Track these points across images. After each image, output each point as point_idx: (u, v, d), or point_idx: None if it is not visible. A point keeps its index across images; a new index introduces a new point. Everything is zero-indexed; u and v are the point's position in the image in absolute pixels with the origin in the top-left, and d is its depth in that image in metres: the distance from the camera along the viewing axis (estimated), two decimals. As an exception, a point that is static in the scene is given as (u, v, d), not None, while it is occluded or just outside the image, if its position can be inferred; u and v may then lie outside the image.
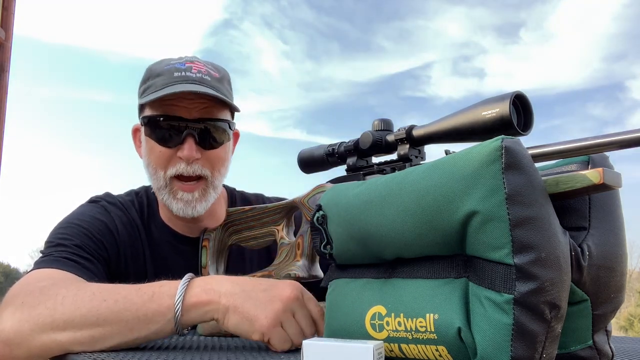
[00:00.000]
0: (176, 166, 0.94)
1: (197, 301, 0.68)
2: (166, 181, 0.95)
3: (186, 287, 0.68)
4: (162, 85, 0.94)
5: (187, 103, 0.94)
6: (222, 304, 0.67)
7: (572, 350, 0.49)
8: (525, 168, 0.44)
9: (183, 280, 0.70)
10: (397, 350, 0.51)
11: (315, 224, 0.61)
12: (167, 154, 0.95)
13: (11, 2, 3.87)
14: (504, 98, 0.54)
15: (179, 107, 0.94)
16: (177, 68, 0.96)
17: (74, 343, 0.68)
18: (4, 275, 21.80)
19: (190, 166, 0.94)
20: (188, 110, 0.94)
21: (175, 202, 0.95)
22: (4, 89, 3.78)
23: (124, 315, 0.67)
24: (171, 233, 1.03)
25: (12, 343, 0.69)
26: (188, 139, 0.93)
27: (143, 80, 1.00)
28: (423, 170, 0.51)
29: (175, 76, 0.95)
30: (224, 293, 0.68)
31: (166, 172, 0.95)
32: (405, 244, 0.51)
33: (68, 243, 0.87)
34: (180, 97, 0.93)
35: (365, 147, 0.70)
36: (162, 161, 0.95)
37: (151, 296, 0.68)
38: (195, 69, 0.97)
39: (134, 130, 1.05)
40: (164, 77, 0.95)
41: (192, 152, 0.93)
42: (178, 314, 0.67)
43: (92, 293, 0.70)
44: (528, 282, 0.43)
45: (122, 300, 0.68)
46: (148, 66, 1.01)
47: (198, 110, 0.95)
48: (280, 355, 0.65)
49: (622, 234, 0.52)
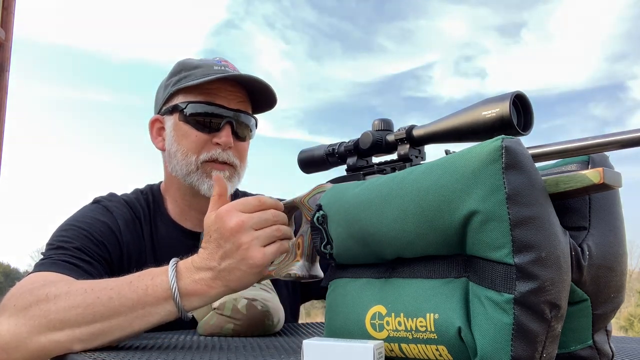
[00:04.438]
0: (211, 152, 0.98)
1: (192, 291, 0.69)
2: (198, 165, 0.98)
3: (176, 277, 0.69)
4: (202, 75, 0.98)
5: (227, 93, 1.00)
6: (212, 294, 0.69)
7: (572, 350, 0.49)
8: (526, 168, 0.44)
9: (170, 270, 0.70)
10: (397, 350, 0.51)
11: (315, 224, 0.61)
12: (202, 139, 0.99)
13: (11, 2, 3.87)
14: (504, 98, 0.54)
15: (219, 96, 0.99)
16: (215, 63, 1.02)
17: (74, 341, 0.68)
18: (4, 275, 21.79)
19: (225, 152, 0.99)
20: (228, 100, 1.00)
21: (207, 180, 0.98)
22: (4, 89, 3.78)
23: (120, 311, 0.68)
24: (179, 228, 1.03)
25: (9, 348, 0.69)
26: (226, 126, 0.99)
27: (174, 72, 1.03)
28: (423, 170, 0.51)
29: (215, 69, 1.00)
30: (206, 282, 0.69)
31: (199, 156, 0.98)
32: (405, 244, 0.51)
33: (68, 246, 0.87)
34: (221, 88, 0.99)
35: (365, 147, 0.70)
36: (196, 146, 0.99)
37: (145, 290, 0.69)
38: (231, 67, 1.04)
39: (152, 122, 1.06)
40: (203, 69, 1.00)
41: (229, 139, 0.98)
42: (179, 301, 0.68)
43: (84, 291, 0.70)
44: (528, 281, 0.43)
45: (117, 296, 0.69)
46: (178, 61, 1.05)
47: (236, 102, 1.01)
48: (280, 355, 0.65)
49: (622, 234, 0.52)
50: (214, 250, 0.69)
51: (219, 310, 0.83)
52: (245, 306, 0.82)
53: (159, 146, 1.05)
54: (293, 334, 0.88)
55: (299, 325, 1.01)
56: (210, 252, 0.69)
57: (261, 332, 0.84)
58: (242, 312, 0.82)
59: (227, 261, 0.68)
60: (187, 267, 0.71)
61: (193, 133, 0.98)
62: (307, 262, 0.73)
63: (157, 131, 1.05)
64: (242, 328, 0.83)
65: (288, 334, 0.89)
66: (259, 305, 0.83)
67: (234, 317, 0.82)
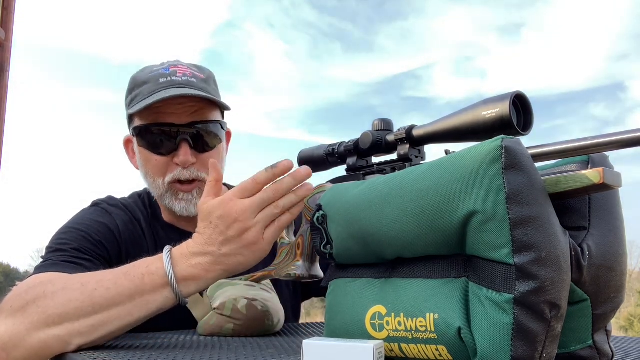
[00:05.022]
0: (174, 172, 0.96)
1: (189, 275, 0.69)
2: (166, 188, 0.97)
3: (171, 264, 0.69)
4: (149, 93, 0.94)
5: (175, 108, 0.94)
6: (209, 278, 0.70)
7: (572, 350, 0.49)
8: (525, 168, 0.44)
9: (165, 257, 0.70)
10: (397, 350, 0.51)
11: (315, 224, 0.61)
12: (163, 161, 0.96)
13: (11, 2, 3.87)
14: (504, 98, 0.54)
15: (169, 113, 0.94)
16: (161, 74, 0.96)
17: (74, 335, 0.68)
18: (4, 275, 21.78)
19: (187, 170, 0.96)
20: (178, 116, 0.94)
21: (177, 202, 0.97)
22: (4, 89, 3.78)
23: (119, 300, 0.68)
24: (177, 231, 1.03)
25: (9, 347, 0.69)
26: (182, 144, 0.94)
27: (129, 90, 1.00)
28: (423, 170, 0.51)
29: (161, 82, 0.95)
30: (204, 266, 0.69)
31: (164, 179, 0.96)
32: (405, 244, 0.51)
33: (66, 247, 0.88)
34: (169, 103, 0.93)
35: (365, 147, 0.70)
36: (159, 169, 0.96)
37: (142, 278, 0.69)
38: (180, 73, 0.97)
39: (125, 142, 1.05)
40: (150, 85, 0.95)
41: (187, 157, 0.94)
42: (176, 288, 0.69)
43: (80, 284, 0.70)
44: (528, 281, 0.43)
45: (114, 287, 0.69)
46: (132, 76, 1.01)
47: (188, 115, 0.95)
48: (280, 355, 0.65)
49: (622, 234, 0.52)
50: (213, 235, 0.69)
51: (219, 310, 0.83)
52: (245, 306, 0.82)
53: (135, 166, 1.03)
54: (293, 334, 0.88)
55: (299, 325, 1.01)
56: (208, 237, 0.70)
57: (261, 332, 0.84)
58: (242, 312, 0.82)
59: (228, 246, 0.69)
60: (183, 253, 0.71)
61: (153, 157, 0.96)
62: (307, 262, 0.73)
63: (131, 151, 1.04)
64: (242, 328, 0.83)
65: (288, 334, 0.89)
66: (259, 306, 0.83)
67: (234, 317, 0.82)
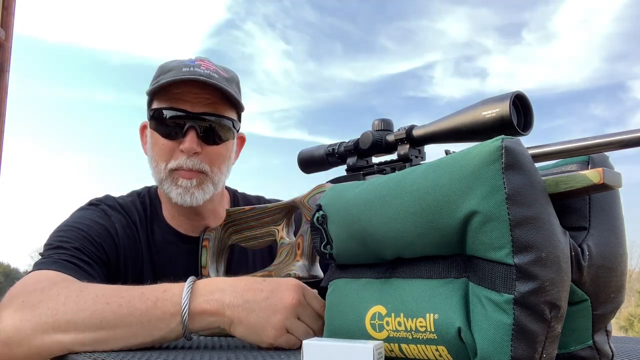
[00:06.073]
0: (178, 160, 0.95)
1: (202, 310, 0.68)
2: (166, 173, 0.96)
3: (190, 294, 0.68)
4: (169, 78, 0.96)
5: (192, 97, 0.95)
6: (227, 315, 0.68)
7: (572, 350, 0.49)
8: (526, 168, 0.44)
9: (186, 286, 0.69)
10: (397, 350, 0.51)
11: (315, 224, 0.61)
12: (169, 146, 0.96)
13: (11, 2, 3.87)
14: (504, 98, 0.54)
15: (184, 100, 0.96)
16: (186, 64, 0.98)
17: (77, 344, 0.68)
18: (4, 275, 21.79)
19: (190, 159, 0.95)
20: (192, 104, 0.96)
21: (175, 188, 0.96)
22: (4, 89, 3.78)
23: (127, 320, 0.67)
24: (174, 233, 1.03)
25: (12, 342, 0.69)
26: (190, 132, 0.95)
27: (154, 77, 1.02)
28: (423, 170, 0.51)
29: (184, 71, 0.96)
30: (227, 305, 0.68)
31: (167, 165, 0.96)
32: (405, 244, 0.51)
33: (67, 246, 0.87)
34: (187, 92, 0.95)
35: (365, 147, 0.70)
36: (164, 154, 0.96)
37: (155, 302, 0.68)
38: (204, 67, 0.98)
39: (141, 128, 1.06)
40: (173, 72, 0.97)
41: (192, 145, 0.94)
42: (186, 320, 0.67)
43: (95, 295, 0.70)
44: (528, 282, 0.43)
45: (126, 305, 0.68)
46: (160, 64, 1.03)
47: (202, 105, 0.96)
48: (280, 355, 0.65)
49: (622, 234, 0.52)
50: (248, 294, 0.68)
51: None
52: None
53: (145, 152, 1.04)
54: (293, 334, 0.88)
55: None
56: (242, 291, 0.69)
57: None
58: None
59: (252, 311, 0.67)
60: (207, 285, 0.70)
61: (160, 141, 0.96)
62: (307, 262, 0.73)
63: (145, 137, 1.04)
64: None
65: (288, 334, 0.89)
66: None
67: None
